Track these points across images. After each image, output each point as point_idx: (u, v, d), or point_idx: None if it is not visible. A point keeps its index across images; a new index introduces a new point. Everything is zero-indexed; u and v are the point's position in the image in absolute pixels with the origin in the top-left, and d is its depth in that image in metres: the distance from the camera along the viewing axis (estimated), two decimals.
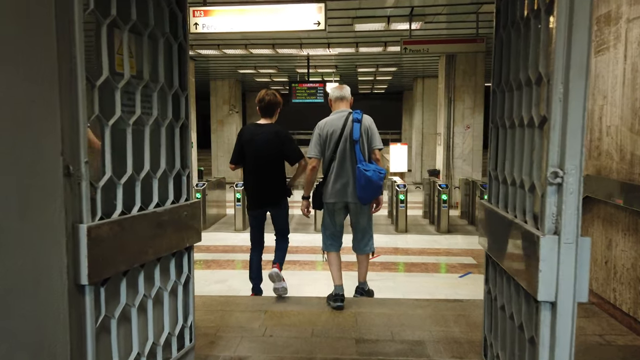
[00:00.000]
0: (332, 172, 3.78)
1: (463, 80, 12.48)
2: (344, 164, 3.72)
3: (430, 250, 8.36)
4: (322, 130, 3.79)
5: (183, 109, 2.70)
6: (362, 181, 3.57)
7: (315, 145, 3.81)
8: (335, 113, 3.89)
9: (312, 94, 13.28)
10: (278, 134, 4.10)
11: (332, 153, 3.72)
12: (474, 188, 10.53)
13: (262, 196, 4.22)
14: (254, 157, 4.13)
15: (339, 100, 3.95)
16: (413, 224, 10.55)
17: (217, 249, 8.44)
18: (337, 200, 3.82)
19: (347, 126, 3.70)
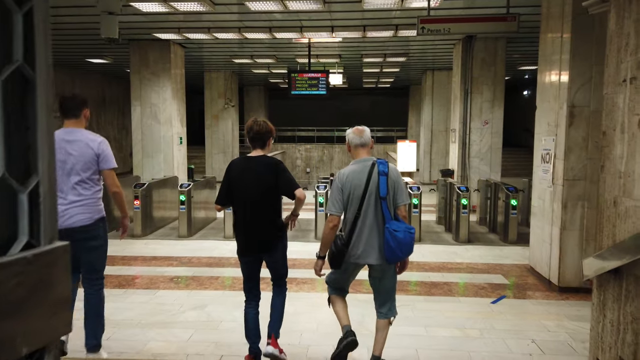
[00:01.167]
0: (356, 231, 3.30)
1: (481, 70, 11.21)
2: (369, 222, 3.28)
3: (451, 265, 7.11)
4: (344, 183, 3.31)
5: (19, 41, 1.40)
6: (392, 244, 3.18)
7: (337, 201, 3.33)
8: (356, 163, 3.38)
9: (314, 85, 12.03)
10: (270, 166, 3.51)
11: (357, 210, 3.28)
12: (497, 191, 9.28)
13: (256, 241, 3.58)
14: (245, 195, 3.51)
15: (359, 147, 3.43)
16: (427, 231, 9.31)
17: (200, 261, 7.20)
18: (359, 262, 3.39)
19: (373, 180, 3.26)
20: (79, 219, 3.32)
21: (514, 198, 8.33)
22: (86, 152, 3.32)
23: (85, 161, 3.31)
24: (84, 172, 3.33)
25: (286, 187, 3.52)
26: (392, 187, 3.29)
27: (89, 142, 3.35)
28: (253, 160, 3.53)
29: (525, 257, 7.46)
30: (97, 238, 3.47)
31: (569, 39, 5.69)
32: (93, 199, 3.40)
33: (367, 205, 3.26)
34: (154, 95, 11.70)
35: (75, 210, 3.30)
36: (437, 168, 17.41)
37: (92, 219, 3.38)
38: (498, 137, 11.45)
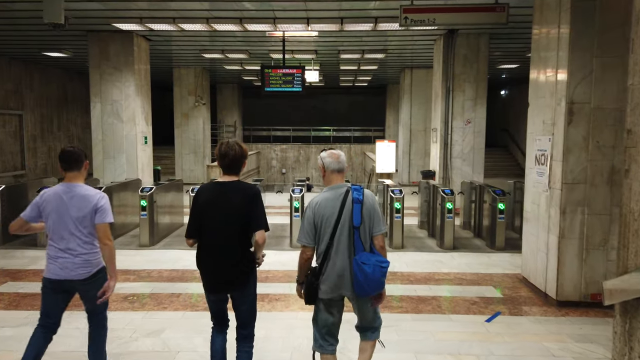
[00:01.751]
0: (327, 263, 3.03)
1: (464, 67, 10.75)
2: (341, 253, 3.02)
3: (438, 275, 6.54)
4: (317, 212, 3.04)
5: None
6: (359, 277, 2.93)
7: (309, 232, 3.06)
8: (330, 190, 3.11)
9: (289, 82, 11.35)
10: (246, 193, 3.14)
11: (329, 240, 3.02)
12: (482, 193, 8.79)
13: (224, 277, 3.18)
14: (215, 225, 3.13)
15: (335, 172, 3.14)
16: (409, 236, 8.75)
17: (161, 275, 6.46)
18: (333, 296, 3.08)
19: (347, 208, 3.02)
20: (78, 273, 3.34)
21: (502, 202, 7.84)
22: (85, 207, 3.34)
23: (84, 216, 3.33)
24: (84, 227, 3.34)
25: (255, 221, 3.12)
26: (368, 215, 3.03)
27: (88, 197, 3.36)
28: (226, 186, 3.16)
29: (516, 265, 6.96)
30: (96, 287, 3.40)
31: (567, 29, 5.18)
32: (92, 253, 3.40)
33: (340, 234, 3.00)
34: (116, 91, 10.82)
35: (78, 263, 3.33)
36: (416, 169, 16.95)
37: (91, 272, 3.38)
38: (481, 136, 11.00)
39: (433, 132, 11.60)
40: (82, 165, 3.43)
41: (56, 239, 3.31)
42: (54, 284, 3.33)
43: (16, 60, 15.08)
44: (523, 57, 13.79)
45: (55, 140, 17.39)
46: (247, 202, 3.09)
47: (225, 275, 3.15)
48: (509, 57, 13.91)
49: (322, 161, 3.15)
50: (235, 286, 3.19)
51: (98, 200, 3.34)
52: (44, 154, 16.72)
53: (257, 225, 3.10)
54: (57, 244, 3.31)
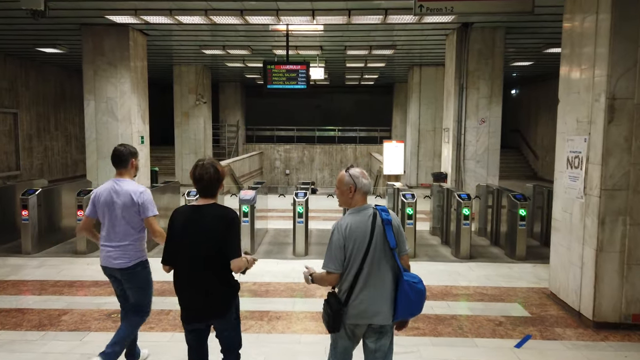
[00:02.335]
0: (358, 286, 2.80)
1: (478, 63, 10.13)
2: (376, 276, 2.82)
3: (457, 290, 5.94)
4: (348, 236, 2.81)
5: None
6: (412, 297, 2.77)
7: (338, 257, 2.81)
8: (356, 212, 2.90)
9: (292, 79, 10.77)
10: (224, 219, 2.98)
11: (360, 264, 2.80)
12: (500, 198, 8.18)
13: (202, 306, 3.01)
14: (191, 252, 2.96)
15: (365, 194, 2.93)
16: (421, 244, 8.15)
17: None
18: (362, 323, 2.84)
19: (377, 230, 2.83)
20: (119, 262, 3.63)
21: (523, 207, 7.23)
22: (129, 202, 3.59)
23: (128, 210, 3.60)
24: (126, 221, 3.62)
25: (230, 249, 2.95)
26: (397, 234, 2.89)
27: (132, 193, 3.60)
28: (202, 210, 2.99)
29: (540, 277, 6.36)
30: (134, 280, 3.69)
31: (607, 15, 4.57)
32: (130, 246, 3.64)
33: (373, 258, 2.81)
34: (110, 88, 10.27)
35: (117, 253, 3.63)
36: (424, 170, 16.34)
37: (128, 264, 3.64)
38: (496, 137, 10.38)
39: (445, 132, 10.99)
40: (129, 163, 3.70)
41: (104, 230, 3.67)
42: (104, 270, 3.73)
43: (11, 57, 14.57)
44: (539, 54, 13.17)
45: (52, 140, 16.88)
46: (224, 228, 2.94)
47: (203, 303, 2.98)
48: (524, 53, 13.27)
49: (354, 181, 2.87)
50: (214, 315, 3.03)
51: (139, 196, 3.58)
52: (40, 153, 16.21)
53: (231, 253, 2.94)
54: (104, 234, 3.66)
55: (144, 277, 3.72)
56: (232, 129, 22.13)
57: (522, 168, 19.88)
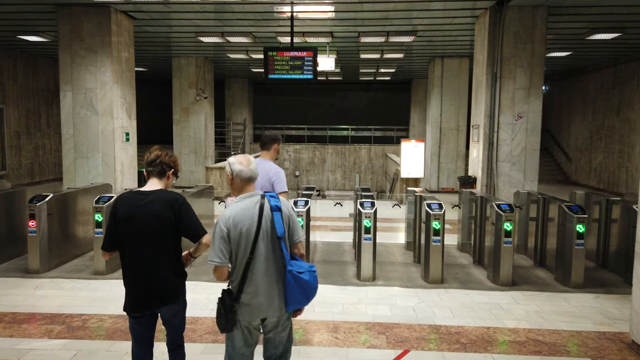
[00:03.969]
0: (248, 280, 2.64)
1: (515, 48, 8.62)
2: (265, 268, 2.66)
3: (503, 334, 4.45)
4: (231, 227, 2.64)
5: None
6: (297, 288, 2.63)
7: (221, 250, 2.62)
8: (243, 199, 2.73)
9: (297, 67, 9.39)
10: (170, 204, 2.86)
11: (249, 255, 2.63)
12: (546, 208, 6.67)
13: (152, 294, 2.85)
14: (136, 241, 2.84)
15: (245, 182, 2.76)
16: (448, 263, 6.68)
17: (102, 324, 4.52)
18: (255, 319, 2.69)
19: (265, 217, 2.68)
20: None
21: (581, 222, 5.72)
22: (265, 178, 4.09)
23: (264, 185, 4.07)
24: None
25: (190, 232, 2.91)
26: (287, 223, 2.75)
27: (268, 172, 4.13)
28: (148, 196, 2.89)
29: (609, 315, 4.87)
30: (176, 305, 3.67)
31: None
32: None
33: (261, 247, 2.66)
34: (90, 77, 9.00)
35: None
36: (446, 173, 14.82)
37: None
38: (535, 135, 8.86)
39: (474, 129, 9.48)
40: (271, 146, 4.31)
41: None
42: None
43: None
44: (580, 41, 11.58)
45: (44, 138, 15.75)
46: (176, 215, 2.87)
47: (154, 290, 2.87)
48: (563, 41, 11.69)
49: (230, 167, 2.80)
50: (163, 302, 2.91)
51: (275, 174, 4.10)
52: (30, 152, 15.08)
53: (195, 234, 2.91)
54: None
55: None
56: (238, 128, 20.84)
57: (552, 171, 18.19)
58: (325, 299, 5.31)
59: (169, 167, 2.97)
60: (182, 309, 3.02)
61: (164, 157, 2.97)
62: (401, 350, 4.08)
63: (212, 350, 4.08)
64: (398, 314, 4.90)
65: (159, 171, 2.94)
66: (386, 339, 4.32)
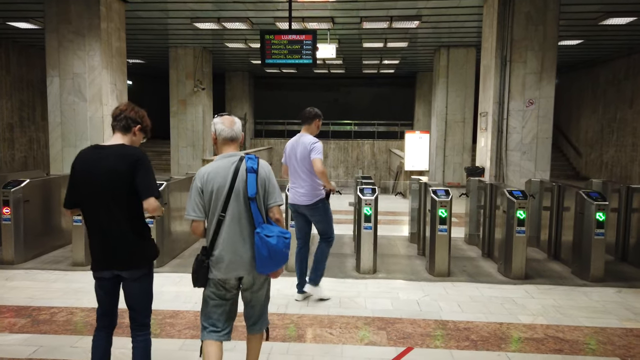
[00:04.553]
0: (220, 237, 2.69)
1: (526, 30, 8.13)
2: (237, 227, 2.70)
3: (518, 331, 3.98)
4: (205, 183, 2.70)
5: None
6: (263, 251, 2.62)
7: (197, 205, 2.70)
8: (222, 158, 2.78)
9: (296, 52, 8.93)
10: (127, 159, 2.62)
11: (221, 213, 2.67)
12: (561, 196, 6.18)
13: (107, 253, 2.67)
14: (91, 197, 2.65)
15: (228, 141, 2.82)
16: (455, 256, 6.21)
17: (70, 319, 4.09)
18: (228, 277, 2.71)
19: (240, 177, 2.70)
20: (303, 200, 4.52)
21: (601, 209, 5.24)
22: (305, 151, 4.45)
23: (303, 157, 4.46)
24: (304, 166, 4.47)
25: (139, 188, 2.61)
26: (262, 186, 2.74)
27: (307, 144, 4.46)
28: (105, 150, 2.67)
29: (636, 310, 4.38)
30: (317, 214, 4.56)
31: None
32: (312, 186, 4.49)
33: (234, 207, 2.69)
34: (78, 62, 8.57)
35: (300, 192, 4.52)
36: (452, 167, 14.33)
37: (311, 200, 4.50)
38: (547, 122, 8.34)
39: (482, 117, 8.99)
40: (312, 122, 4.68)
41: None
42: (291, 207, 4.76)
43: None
44: (593, 28, 11.06)
45: (39, 131, 15.37)
46: (131, 169, 2.59)
47: (112, 252, 2.65)
48: (575, 27, 11.17)
49: (214, 127, 2.83)
50: (123, 265, 2.66)
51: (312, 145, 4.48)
52: (24, 145, 14.70)
53: (145, 192, 2.60)
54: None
55: (324, 208, 4.56)
56: None
57: (561, 167, 17.64)
58: None
59: (134, 122, 2.74)
60: (147, 278, 2.74)
61: (129, 112, 2.76)
62: (403, 348, 3.61)
63: (192, 346, 3.63)
64: (400, 308, 4.44)
65: (123, 126, 2.72)
66: (387, 335, 3.85)
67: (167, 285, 5.03)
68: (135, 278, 2.67)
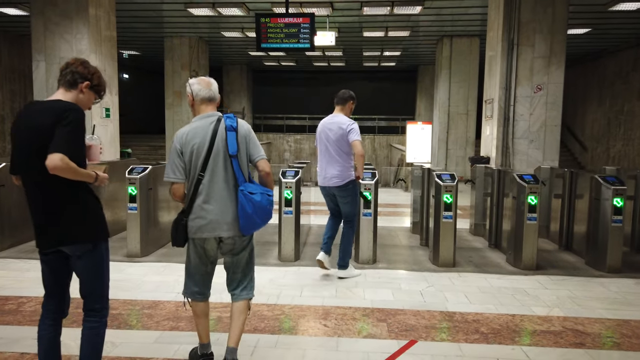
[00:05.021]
0: (200, 197, 2.63)
1: (534, 12, 7.74)
2: (217, 186, 2.63)
3: (532, 323, 3.59)
4: (185, 143, 2.63)
5: None
6: (248, 209, 2.58)
7: (177, 166, 2.62)
8: (200, 119, 2.71)
9: (293, 36, 8.55)
10: (56, 112, 2.21)
11: (201, 172, 2.61)
12: (574, 183, 5.80)
13: (44, 225, 2.32)
14: (21, 158, 2.33)
15: (205, 101, 2.74)
16: (460, 246, 5.83)
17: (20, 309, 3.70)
18: (209, 236, 2.65)
19: (219, 136, 2.63)
20: (334, 182, 4.47)
21: (619, 195, 4.86)
22: (340, 131, 4.43)
23: (338, 138, 4.44)
24: (339, 147, 4.44)
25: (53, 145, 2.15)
26: (244, 142, 2.68)
27: (341, 124, 4.47)
28: (37, 106, 2.34)
29: None
30: (347, 194, 4.52)
31: None
32: (344, 167, 4.44)
33: (214, 166, 2.62)
34: (65, 46, 8.20)
35: (332, 174, 4.48)
36: (454, 161, 13.94)
37: (343, 181, 4.46)
38: (556, 109, 7.96)
39: (487, 104, 8.60)
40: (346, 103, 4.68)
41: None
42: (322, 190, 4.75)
43: None
44: (601, 15, 10.68)
45: None
46: (55, 123, 2.18)
47: (46, 223, 2.30)
48: (584, 14, 10.79)
49: (191, 88, 2.74)
50: (60, 239, 2.30)
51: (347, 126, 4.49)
52: None
53: (53, 147, 2.15)
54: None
55: (354, 190, 4.53)
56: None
57: (566, 162, 17.20)
58: (313, 282, 4.48)
59: (82, 78, 2.37)
60: (91, 256, 2.36)
61: (77, 66, 2.40)
62: (406, 341, 3.23)
63: (169, 339, 3.25)
64: (402, 299, 4.06)
65: (67, 80, 2.37)
66: (387, 327, 3.47)
67: (150, 274, 4.66)
68: (79, 255, 2.33)
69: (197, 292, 2.78)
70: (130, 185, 5.16)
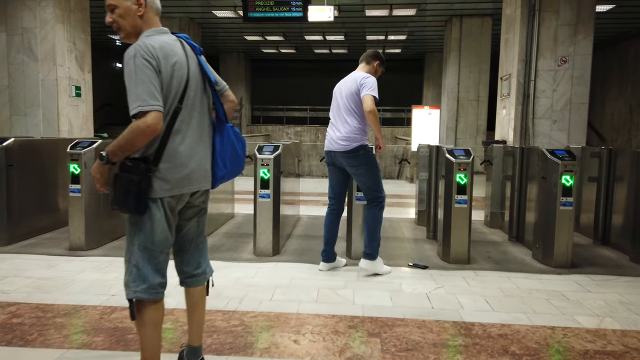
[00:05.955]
0: (176, 137, 1.92)
1: None
2: (197, 122, 2.01)
3: (578, 338, 2.62)
4: (162, 59, 1.87)
5: None
6: (239, 149, 2.11)
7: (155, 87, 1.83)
8: (159, 33, 1.96)
9: (283, 3, 7.59)
10: None
11: (177, 104, 1.93)
12: (612, 164, 4.81)
13: None
14: None
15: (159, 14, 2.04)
16: (475, 240, 4.85)
17: None
18: (188, 191, 2.00)
19: (191, 59, 2.01)
20: (339, 146, 3.72)
21: None
22: (353, 85, 3.71)
23: (350, 93, 3.72)
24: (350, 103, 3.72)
25: None
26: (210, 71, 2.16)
27: (356, 79, 3.73)
28: None
29: None
30: (357, 164, 3.70)
31: None
32: (355, 129, 3.69)
33: (194, 95, 1.99)
34: (27, 14, 7.31)
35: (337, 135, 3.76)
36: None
37: (350, 145, 3.66)
38: (583, 84, 6.94)
39: (503, 81, 7.60)
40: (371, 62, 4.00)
41: None
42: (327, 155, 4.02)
43: None
44: None
45: None
46: None
47: None
48: None
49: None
50: None
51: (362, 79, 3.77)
52: None
53: None
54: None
55: (365, 159, 3.73)
56: None
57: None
58: (291, 282, 3.53)
59: None
60: None
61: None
62: None
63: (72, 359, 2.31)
64: (403, 305, 3.10)
65: None
66: (381, 344, 2.52)
67: (87, 271, 3.73)
68: None
69: (159, 285, 1.96)
70: (72, 162, 4.22)
